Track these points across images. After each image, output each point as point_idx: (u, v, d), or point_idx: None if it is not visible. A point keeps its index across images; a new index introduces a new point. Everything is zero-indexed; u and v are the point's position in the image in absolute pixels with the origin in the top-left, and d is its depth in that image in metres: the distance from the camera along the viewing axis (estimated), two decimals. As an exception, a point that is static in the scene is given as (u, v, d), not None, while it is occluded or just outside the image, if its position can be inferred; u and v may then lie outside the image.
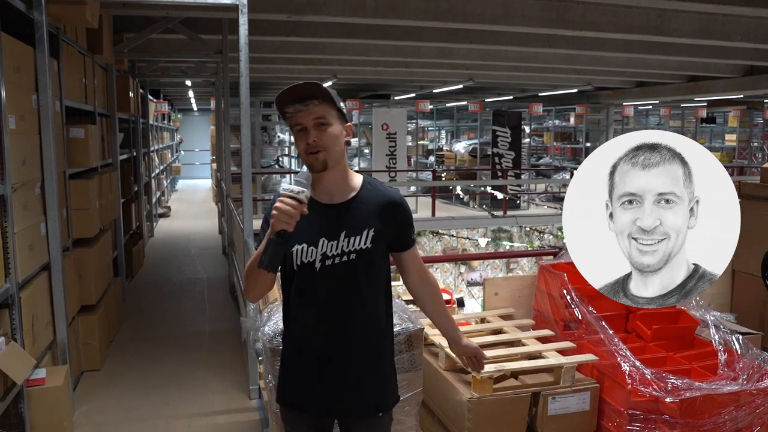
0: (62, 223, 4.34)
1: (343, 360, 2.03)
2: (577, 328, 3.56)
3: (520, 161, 14.42)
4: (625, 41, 8.36)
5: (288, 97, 1.93)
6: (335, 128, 1.96)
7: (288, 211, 1.80)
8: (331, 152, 1.94)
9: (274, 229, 1.81)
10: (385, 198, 2.05)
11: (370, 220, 2.01)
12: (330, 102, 1.95)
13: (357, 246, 1.99)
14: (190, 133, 25.64)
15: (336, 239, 1.98)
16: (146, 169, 10.50)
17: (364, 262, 2.01)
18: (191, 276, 8.18)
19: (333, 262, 1.98)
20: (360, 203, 2.03)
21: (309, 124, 1.92)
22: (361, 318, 2.03)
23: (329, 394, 2.04)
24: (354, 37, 7.65)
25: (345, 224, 1.99)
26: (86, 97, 5.33)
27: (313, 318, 2.01)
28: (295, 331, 2.06)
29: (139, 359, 5.12)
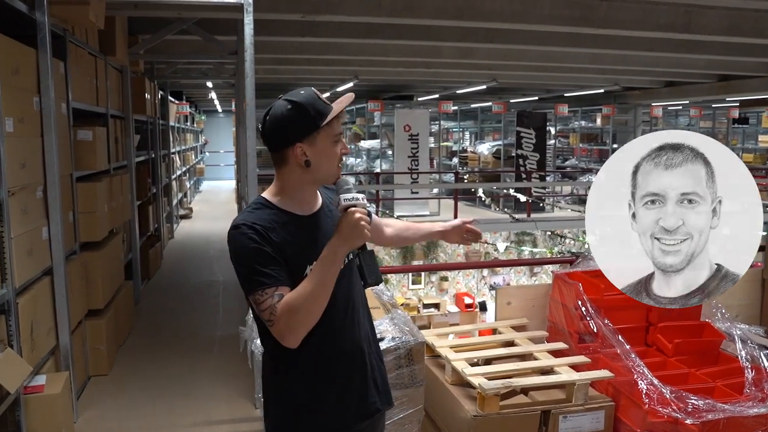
0: (68, 226, 4.29)
1: (373, 359, 2.00)
2: (593, 341, 3.38)
3: (544, 163, 14.16)
4: (652, 39, 8.09)
5: (344, 105, 1.85)
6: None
7: (367, 219, 1.71)
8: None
9: (365, 239, 1.70)
10: (331, 192, 1.98)
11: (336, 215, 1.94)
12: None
13: None
14: (215, 135, 25.78)
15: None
16: (166, 171, 10.51)
17: (355, 259, 1.92)
18: (208, 279, 8.12)
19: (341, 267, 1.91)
20: (326, 205, 1.96)
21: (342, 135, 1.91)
22: (369, 313, 2.04)
23: (373, 395, 1.97)
24: (372, 37, 7.52)
25: (330, 229, 1.86)
26: (97, 99, 5.28)
27: (346, 330, 1.90)
28: (329, 354, 1.86)
29: (147, 365, 5.05)
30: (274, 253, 1.74)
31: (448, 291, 12.96)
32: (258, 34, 7.04)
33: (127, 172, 6.36)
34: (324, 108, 1.81)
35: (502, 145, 14.71)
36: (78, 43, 4.67)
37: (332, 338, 1.87)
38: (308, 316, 1.70)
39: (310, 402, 1.85)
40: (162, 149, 9.63)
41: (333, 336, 1.87)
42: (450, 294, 12.85)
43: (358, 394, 1.92)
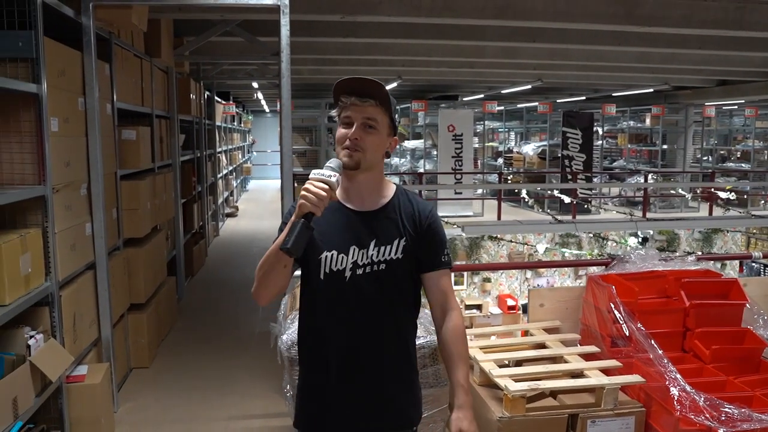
0: (112, 223, 4.43)
1: (376, 375, 1.92)
2: (625, 346, 3.31)
3: (591, 164, 13.90)
4: (701, 37, 7.87)
5: (348, 86, 1.85)
6: (379, 137, 1.88)
7: (318, 193, 1.69)
8: (367, 157, 1.86)
9: (302, 211, 1.69)
10: (417, 210, 1.96)
11: (401, 229, 1.92)
12: (386, 107, 1.87)
13: (387, 256, 1.89)
14: (263, 135, 26.16)
15: (366, 247, 1.89)
16: (212, 170, 10.73)
17: (394, 272, 1.90)
18: (249, 276, 8.15)
19: (363, 272, 1.89)
20: (391, 212, 1.94)
21: (358, 121, 1.84)
22: (393, 329, 1.94)
23: (362, 412, 1.93)
24: (414, 37, 7.52)
25: (375, 233, 1.90)
26: (143, 100, 5.44)
27: (343, 332, 1.90)
28: (321, 349, 1.93)
29: (186, 359, 5.18)
30: None
31: (491, 292, 12.85)
32: (301, 35, 7.16)
33: (171, 170, 6.53)
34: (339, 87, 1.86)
35: (547, 146, 14.51)
36: (123, 46, 4.82)
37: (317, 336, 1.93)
38: (261, 273, 1.82)
39: (300, 387, 2.01)
40: (208, 149, 9.83)
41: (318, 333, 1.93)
42: (492, 296, 12.75)
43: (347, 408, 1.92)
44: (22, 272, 3.04)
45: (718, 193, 13.14)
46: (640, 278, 3.65)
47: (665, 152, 15.41)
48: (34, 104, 3.22)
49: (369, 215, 1.91)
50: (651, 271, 3.69)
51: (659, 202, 13.79)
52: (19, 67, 3.19)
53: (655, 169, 15.04)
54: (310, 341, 1.97)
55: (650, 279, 3.67)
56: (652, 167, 15.80)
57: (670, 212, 13.45)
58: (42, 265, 3.28)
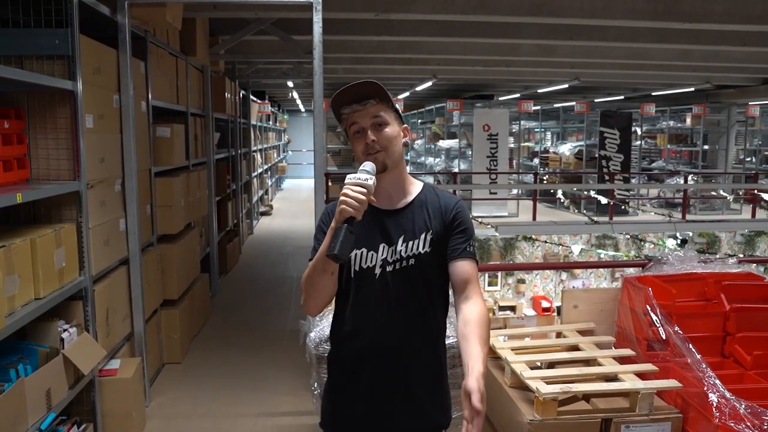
0: (145, 219, 4.48)
1: (404, 377, 1.90)
2: (662, 350, 3.21)
3: (629, 164, 13.62)
4: (746, 33, 7.63)
5: (345, 97, 1.87)
6: (393, 128, 1.88)
7: (357, 197, 1.68)
8: (390, 153, 1.86)
9: (343, 216, 1.68)
10: (443, 202, 1.95)
11: (428, 223, 1.91)
12: (387, 102, 1.89)
13: (415, 250, 1.88)
14: (298, 134, 26.35)
15: (394, 244, 1.89)
16: (247, 169, 10.81)
17: (423, 267, 1.89)
18: (282, 274, 8.30)
19: (393, 268, 1.88)
20: (418, 207, 1.94)
21: (366, 125, 1.85)
22: (422, 328, 1.92)
23: (390, 415, 1.90)
24: (449, 35, 7.45)
25: (403, 228, 1.90)
26: (177, 98, 5.49)
27: (371, 331, 1.89)
28: (350, 348, 1.92)
29: (218, 355, 5.22)
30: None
31: (525, 294, 12.69)
32: (335, 34, 7.15)
33: (205, 168, 6.59)
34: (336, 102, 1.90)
35: (584, 146, 14.27)
36: (159, 44, 4.87)
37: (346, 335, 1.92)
38: (308, 284, 1.81)
39: (327, 388, 2.02)
40: (243, 147, 9.91)
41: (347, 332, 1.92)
42: (527, 297, 12.59)
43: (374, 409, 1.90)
44: (56, 266, 3.08)
45: (762, 195, 12.75)
46: (677, 280, 3.55)
47: (706, 153, 15.01)
48: (70, 101, 3.27)
49: (396, 212, 1.91)
50: (689, 273, 3.58)
51: (699, 204, 13.45)
52: (55, 64, 3.24)
53: (696, 170, 14.68)
54: (340, 340, 1.97)
55: (688, 281, 3.56)
56: (692, 168, 15.42)
57: (711, 214, 13.11)
58: (76, 260, 3.32)
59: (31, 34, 3.22)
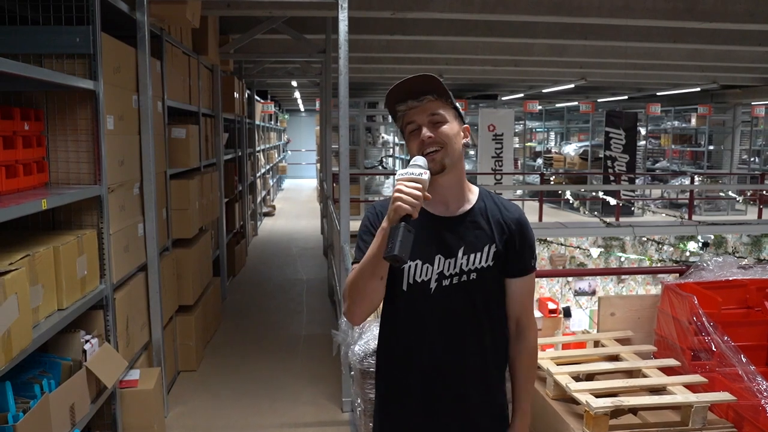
0: (161, 223, 4.35)
1: (462, 401, 1.77)
2: (708, 359, 3.10)
3: (634, 165, 13.54)
4: (762, 32, 7.55)
5: (400, 93, 1.73)
6: (452, 126, 1.73)
7: (413, 193, 1.54)
8: (449, 151, 1.71)
9: (398, 214, 1.53)
10: (507, 214, 1.81)
11: (490, 235, 1.77)
12: (446, 98, 1.74)
13: (477, 264, 1.75)
14: (297, 134, 26.22)
15: (454, 256, 1.74)
16: (251, 169, 10.68)
17: (485, 283, 1.76)
18: (291, 277, 8.17)
19: (450, 282, 1.74)
20: (478, 216, 1.79)
21: (423, 122, 1.71)
22: (479, 347, 1.78)
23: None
24: (462, 34, 7.35)
25: (463, 239, 1.75)
26: (190, 98, 5.36)
27: (426, 352, 1.75)
28: (403, 366, 1.78)
29: (234, 362, 5.08)
30: None
31: (531, 295, 12.59)
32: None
33: (216, 170, 6.45)
34: (391, 97, 1.78)
35: (589, 146, 14.19)
36: (173, 43, 4.74)
37: (398, 352, 1.79)
38: (355, 290, 1.66)
39: (378, 407, 1.88)
40: (248, 147, 9.78)
41: (399, 350, 1.79)
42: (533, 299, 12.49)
43: (424, 421, 1.78)
44: (79, 275, 2.95)
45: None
46: (719, 287, 3.43)
47: (711, 153, 14.94)
48: (91, 101, 3.13)
49: (454, 221, 1.77)
50: (731, 279, 3.47)
51: (704, 205, 13.38)
52: (76, 63, 3.10)
53: (701, 170, 14.61)
54: (390, 359, 1.83)
55: (730, 288, 3.44)
56: (696, 168, 15.34)
57: (716, 215, 13.03)
58: (97, 268, 3.19)
59: (50, 31, 3.08)
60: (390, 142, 15.48)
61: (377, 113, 14.58)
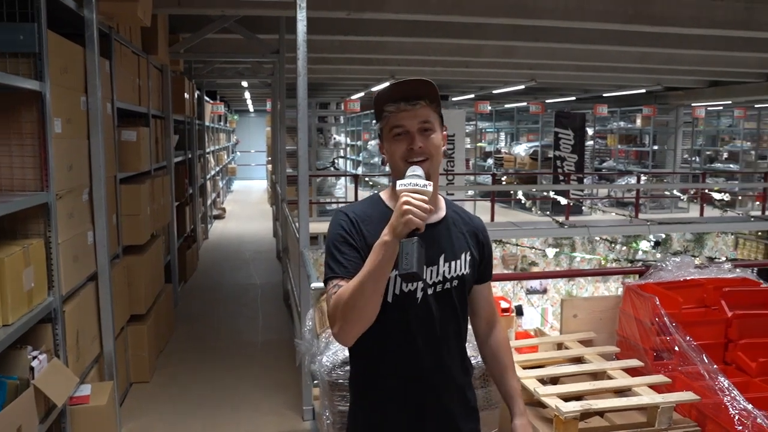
0: (112, 230, 4.17)
1: (448, 407, 1.77)
2: (671, 359, 3.14)
3: (583, 164, 13.81)
4: (706, 37, 7.79)
5: (394, 94, 1.68)
6: (438, 136, 1.72)
7: (421, 206, 1.48)
8: (434, 162, 1.70)
9: (408, 228, 1.47)
10: (472, 224, 1.87)
11: (463, 241, 1.80)
12: (436, 105, 1.72)
13: (458, 272, 1.76)
14: (247, 135, 25.84)
15: (435, 264, 1.73)
16: (201, 171, 10.44)
17: (464, 289, 1.79)
18: (244, 282, 8.01)
19: (435, 291, 1.73)
20: (452, 223, 1.80)
21: (413, 128, 1.67)
22: (458, 353, 1.81)
23: None
24: (415, 35, 7.33)
25: (442, 247, 1.75)
26: (140, 99, 5.17)
27: (414, 358, 1.72)
28: (388, 377, 1.73)
29: (188, 372, 4.92)
30: (359, 244, 1.66)
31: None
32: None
33: (167, 173, 6.26)
34: (382, 97, 1.71)
35: (539, 147, 14.40)
36: (123, 42, 4.56)
37: (385, 364, 1.73)
38: (352, 310, 1.55)
39: (355, 417, 1.81)
40: (198, 149, 9.55)
41: (386, 361, 1.73)
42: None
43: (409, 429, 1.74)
44: (25, 288, 2.78)
45: (713, 194, 13.13)
46: (678, 287, 3.49)
47: (655, 153, 15.38)
48: (37, 103, 2.97)
49: (432, 228, 1.72)
50: (689, 280, 3.53)
51: (650, 203, 13.75)
52: (20, 62, 2.93)
53: (647, 170, 15.01)
54: (374, 370, 1.76)
55: (688, 288, 3.51)
56: (641, 168, 15.76)
57: (661, 212, 13.40)
58: (45, 279, 3.02)
59: (-9, 29, 2.90)
60: (342, 143, 15.40)
61: (329, 114, 14.47)
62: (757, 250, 15.06)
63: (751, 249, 15.31)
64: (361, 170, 18.61)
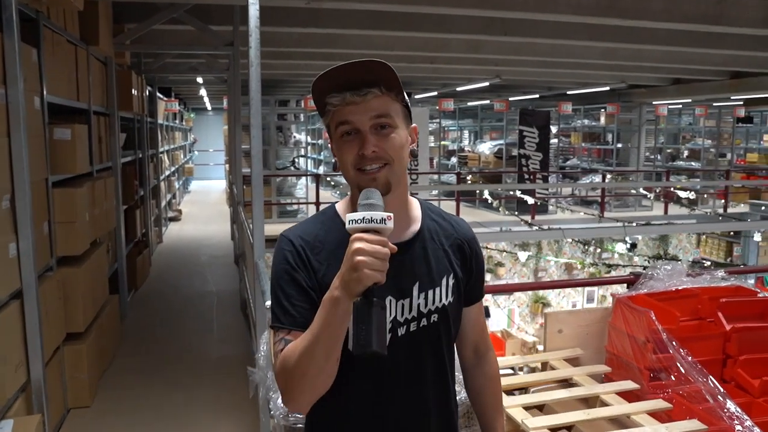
0: (42, 240, 3.71)
1: None
2: (668, 379, 2.85)
3: (548, 163, 13.65)
4: (673, 32, 7.61)
5: (333, 80, 1.25)
6: (401, 134, 1.31)
7: (377, 252, 1.11)
8: (395, 168, 1.30)
9: (364, 285, 1.11)
10: (457, 232, 1.45)
11: (445, 262, 1.40)
12: (396, 92, 1.30)
13: (438, 303, 1.37)
14: (204, 133, 25.13)
15: (408, 296, 1.34)
16: (154, 172, 9.90)
17: (447, 322, 1.40)
18: (200, 289, 7.54)
19: (408, 330, 1.35)
20: (429, 239, 1.40)
21: (364, 126, 1.27)
22: (443, 394, 1.43)
23: None
24: (379, 28, 6.95)
25: (416, 272, 1.35)
26: (78, 93, 4.69)
27: (384, 411, 1.35)
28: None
29: (135, 393, 4.47)
30: (309, 281, 1.30)
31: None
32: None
33: (111, 174, 5.77)
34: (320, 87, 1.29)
35: (503, 145, 14.20)
36: (54, 29, 4.08)
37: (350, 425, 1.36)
38: (302, 378, 1.20)
39: None
40: (150, 149, 9.02)
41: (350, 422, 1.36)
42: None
43: None
44: (-77, 314, 2.33)
45: (678, 192, 13.11)
46: (671, 298, 3.21)
47: (619, 151, 15.33)
48: (-61, 96, 2.51)
49: (403, 250, 1.32)
50: (682, 289, 3.25)
51: (614, 201, 13.67)
52: None
53: (611, 168, 14.95)
54: (334, 424, 1.38)
55: (682, 299, 3.23)
56: (605, 166, 15.70)
57: (625, 211, 13.33)
58: (-48, 301, 2.57)
59: None
60: (302, 142, 14.95)
61: (288, 111, 13.99)
62: (719, 247, 15.16)
63: (713, 246, 15.41)
64: (323, 170, 18.18)
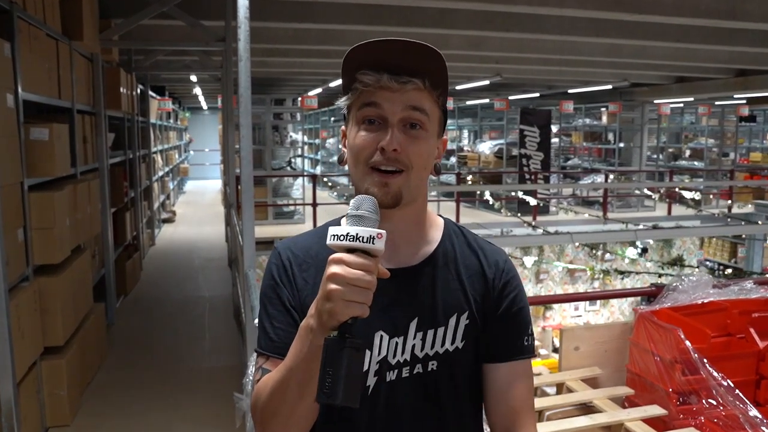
0: (16, 248, 3.45)
1: None
2: (697, 403, 2.60)
3: (549, 163, 13.39)
4: (683, 27, 7.37)
5: (372, 55, 1.01)
6: (430, 143, 1.07)
7: (359, 279, 0.88)
8: (413, 178, 1.05)
9: (337, 319, 0.89)
10: (485, 260, 1.15)
11: (459, 296, 1.11)
12: (440, 92, 1.07)
13: (439, 347, 1.10)
14: (200, 133, 24.85)
15: (403, 334, 1.09)
16: (147, 172, 9.63)
17: (452, 376, 1.11)
18: (192, 294, 7.27)
19: (398, 376, 1.09)
20: (443, 265, 1.13)
21: (394, 116, 1.03)
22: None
23: None
24: (376, 23, 6.68)
25: (417, 306, 1.10)
26: (60, 91, 4.42)
27: None
28: None
29: (118, 411, 4.20)
30: (292, 301, 1.10)
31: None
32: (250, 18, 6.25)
33: (98, 176, 5.50)
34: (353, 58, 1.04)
35: (504, 144, 13.94)
36: (31, 22, 3.81)
37: None
38: (273, 418, 1.01)
39: None
40: (141, 149, 8.75)
41: None
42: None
43: None
44: None
45: (683, 193, 12.86)
46: (697, 313, 2.95)
47: (621, 150, 15.09)
48: None
49: (406, 275, 1.09)
50: (708, 303, 2.99)
51: (616, 201, 13.43)
52: None
53: (614, 168, 14.71)
54: None
55: (709, 314, 2.98)
56: (606, 165, 15.45)
57: (628, 211, 13.09)
58: None
59: None
60: (299, 142, 14.67)
61: (285, 110, 13.72)
62: (723, 248, 14.93)
63: (716, 248, 15.19)
64: (320, 170, 17.91)
